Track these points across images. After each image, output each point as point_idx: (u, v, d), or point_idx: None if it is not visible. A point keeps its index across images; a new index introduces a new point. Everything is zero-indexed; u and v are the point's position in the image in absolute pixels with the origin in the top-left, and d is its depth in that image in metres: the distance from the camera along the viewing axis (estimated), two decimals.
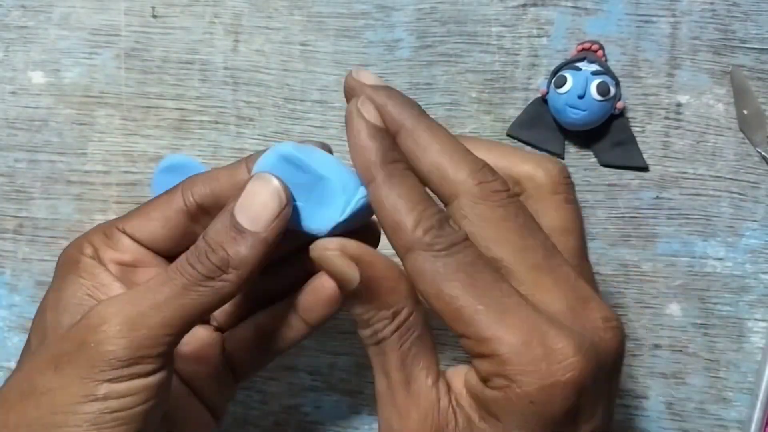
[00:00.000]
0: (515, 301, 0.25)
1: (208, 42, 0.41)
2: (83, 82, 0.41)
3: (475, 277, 0.25)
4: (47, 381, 0.25)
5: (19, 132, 0.41)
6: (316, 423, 0.40)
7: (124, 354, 0.25)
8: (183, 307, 0.26)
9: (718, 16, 0.40)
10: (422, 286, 0.25)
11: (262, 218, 0.26)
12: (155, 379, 0.26)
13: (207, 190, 0.30)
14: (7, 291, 0.41)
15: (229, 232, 0.26)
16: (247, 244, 0.26)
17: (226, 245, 0.26)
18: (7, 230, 0.41)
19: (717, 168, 0.40)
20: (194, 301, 0.26)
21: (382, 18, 0.40)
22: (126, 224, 0.30)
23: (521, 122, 0.40)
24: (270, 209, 0.26)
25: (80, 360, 0.25)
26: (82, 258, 0.29)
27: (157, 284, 0.26)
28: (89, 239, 0.30)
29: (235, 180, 0.29)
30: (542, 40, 0.40)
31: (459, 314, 0.25)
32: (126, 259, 0.30)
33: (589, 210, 0.40)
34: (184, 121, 0.41)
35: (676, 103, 0.40)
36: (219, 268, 0.26)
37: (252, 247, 0.26)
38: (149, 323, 0.25)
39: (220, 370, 0.32)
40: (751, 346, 0.40)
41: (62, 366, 0.25)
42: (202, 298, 0.26)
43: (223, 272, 0.26)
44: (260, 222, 0.26)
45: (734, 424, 0.40)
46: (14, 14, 0.41)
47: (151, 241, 0.30)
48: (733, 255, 0.40)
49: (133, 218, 0.31)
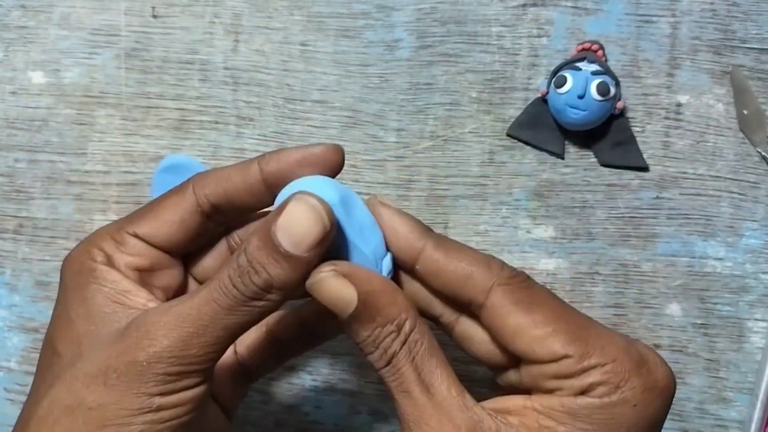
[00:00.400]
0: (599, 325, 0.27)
1: (208, 42, 0.41)
2: (83, 82, 0.41)
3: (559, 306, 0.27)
4: (97, 396, 0.25)
5: (19, 132, 0.41)
6: (316, 423, 0.40)
7: (174, 371, 0.26)
8: (227, 326, 0.26)
9: (718, 16, 0.40)
10: (512, 320, 0.27)
11: (305, 243, 0.26)
12: (201, 389, 0.27)
13: (220, 190, 0.29)
14: (6, 291, 0.41)
15: (272, 254, 0.26)
16: (289, 268, 0.26)
17: (269, 267, 0.26)
18: (7, 230, 0.41)
19: (717, 168, 0.40)
20: (238, 320, 0.26)
21: (382, 18, 0.40)
22: (137, 228, 0.30)
23: (521, 122, 0.40)
24: (313, 235, 0.26)
25: (131, 377, 0.25)
26: (96, 266, 0.29)
27: (202, 303, 0.26)
28: (98, 246, 0.29)
29: (249, 182, 0.29)
30: (542, 40, 0.40)
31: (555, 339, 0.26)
32: (143, 264, 0.30)
33: (589, 210, 0.40)
34: (184, 121, 0.41)
35: (676, 103, 0.40)
36: (263, 290, 0.26)
37: (294, 271, 0.26)
38: (197, 343, 0.26)
39: (235, 373, 0.33)
40: (751, 346, 0.40)
41: (113, 381, 0.25)
42: (246, 318, 0.26)
43: (266, 293, 0.26)
44: (302, 246, 0.26)
45: (734, 424, 0.40)
46: (14, 14, 0.41)
47: (166, 244, 0.30)
48: (733, 255, 0.40)
49: (143, 221, 0.30)
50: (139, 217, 0.30)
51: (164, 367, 0.25)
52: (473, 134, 0.40)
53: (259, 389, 0.40)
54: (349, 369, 0.40)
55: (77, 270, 0.29)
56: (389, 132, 0.41)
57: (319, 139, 0.40)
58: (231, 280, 0.26)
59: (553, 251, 0.40)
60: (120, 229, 0.30)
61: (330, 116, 0.41)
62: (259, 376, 0.34)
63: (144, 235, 0.30)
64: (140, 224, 0.30)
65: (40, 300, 0.41)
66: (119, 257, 0.29)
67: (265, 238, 0.26)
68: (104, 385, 0.25)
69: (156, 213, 0.30)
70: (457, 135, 0.41)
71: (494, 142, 0.40)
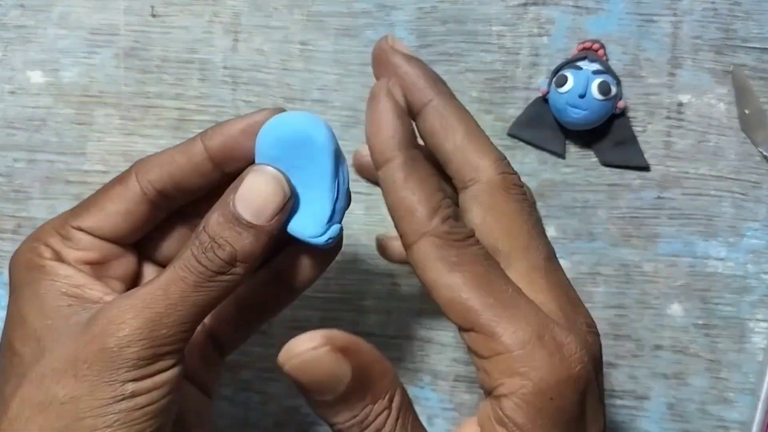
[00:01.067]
0: (523, 299, 0.25)
1: (208, 41, 0.41)
2: (82, 81, 0.41)
3: (485, 272, 0.25)
4: (69, 390, 0.25)
5: (18, 132, 0.41)
6: (316, 424, 0.40)
7: (146, 354, 0.25)
8: (196, 303, 0.26)
9: (719, 16, 0.40)
10: (431, 274, 0.25)
11: (266, 211, 0.26)
12: (176, 371, 0.26)
13: (165, 174, 0.29)
14: (5, 291, 0.40)
15: (234, 226, 0.26)
16: (252, 238, 0.26)
17: (232, 240, 0.26)
18: (5, 230, 0.41)
19: (718, 168, 0.40)
20: (206, 296, 0.26)
21: (383, 17, 0.40)
22: (82, 222, 0.29)
23: (522, 122, 0.40)
24: (273, 203, 0.27)
25: (102, 365, 0.25)
26: (45, 262, 0.28)
27: (168, 283, 0.26)
28: (45, 242, 0.29)
29: (194, 160, 0.29)
30: (543, 39, 0.40)
31: (466, 307, 0.24)
32: (94, 258, 0.29)
33: (590, 210, 0.40)
34: (183, 121, 0.41)
35: (678, 102, 0.40)
36: (228, 263, 0.26)
37: (258, 240, 0.26)
38: (167, 323, 0.25)
39: (205, 348, 0.32)
40: (753, 347, 0.40)
41: (83, 373, 0.25)
42: (213, 293, 0.26)
43: (231, 266, 0.26)
44: (264, 215, 0.26)
45: (736, 424, 0.40)
46: (13, 13, 0.41)
47: (113, 236, 0.29)
48: (735, 255, 0.40)
49: (87, 214, 0.29)
50: (83, 210, 0.29)
51: (136, 351, 0.25)
52: None
53: (259, 390, 0.40)
54: None
55: (25, 267, 0.28)
56: None
57: None
58: (195, 257, 0.26)
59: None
60: (65, 224, 0.29)
61: (330, 115, 0.40)
62: (233, 348, 0.33)
63: (89, 229, 0.29)
64: (84, 217, 0.29)
65: None
66: (67, 252, 0.29)
67: (226, 212, 0.26)
68: (74, 377, 0.25)
69: (100, 205, 0.29)
70: None
71: (495, 142, 0.40)
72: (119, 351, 0.25)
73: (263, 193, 0.26)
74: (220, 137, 0.29)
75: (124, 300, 0.26)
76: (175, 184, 0.29)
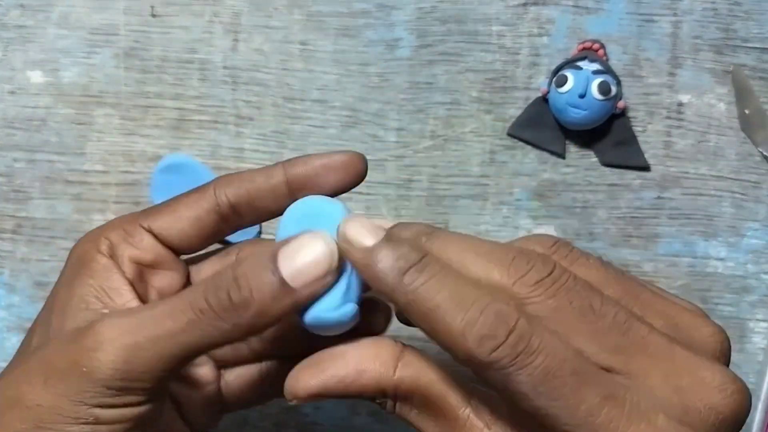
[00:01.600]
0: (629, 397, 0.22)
1: (208, 41, 0.41)
2: (82, 81, 0.41)
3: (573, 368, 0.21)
4: (35, 395, 0.24)
5: (18, 132, 0.41)
6: (316, 424, 0.40)
7: (115, 384, 0.24)
8: (183, 344, 0.24)
9: (719, 16, 0.40)
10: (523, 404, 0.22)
11: (305, 276, 0.24)
12: (145, 409, 0.25)
13: (242, 191, 0.29)
14: (5, 291, 0.41)
15: (264, 274, 0.24)
16: (276, 295, 0.24)
17: (254, 288, 0.24)
18: (5, 230, 0.41)
19: (719, 168, 0.40)
20: (198, 339, 0.24)
21: (382, 17, 0.40)
22: (152, 221, 0.29)
23: (522, 122, 0.40)
24: (317, 270, 0.24)
25: (71, 381, 0.24)
26: (96, 256, 0.28)
27: (162, 315, 0.24)
28: (106, 234, 0.28)
29: (272, 183, 0.28)
30: (543, 39, 0.40)
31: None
32: (146, 259, 0.29)
33: (591, 210, 0.40)
34: (183, 121, 0.41)
35: (678, 102, 0.40)
36: (235, 309, 0.24)
37: (280, 300, 0.24)
38: (146, 356, 0.24)
39: (210, 402, 0.31)
40: (753, 347, 0.40)
41: (52, 383, 0.24)
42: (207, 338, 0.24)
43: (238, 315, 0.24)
44: (301, 278, 0.24)
45: None
46: (13, 13, 0.41)
47: (177, 241, 0.29)
48: (735, 255, 0.40)
49: (159, 215, 0.29)
50: (156, 211, 0.29)
51: (104, 380, 0.24)
52: (474, 134, 0.40)
53: None
54: None
55: (77, 257, 0.28)
56: (389, 131, 0.40)
57: (318, 138, 0.40)
58: (203, 293, 0.24)
59: None
60: (134, 221, 0.29)
61: (330, 115, 0.40)
62: (236, 410, 0.32)
63: (157, 229, 0.29)
64: (156, 217, 0.29)
65: (38, 300, 0.41)
66: (123, 248, 0.28)
67: (263, 259, 0.24)
68: (43, 384, 0.24)
69: (173, 208, 0.29)
70: (458, 134, 0.40)
71: (495, 142, 0.40)
72: (90, 371, 0.24)
73: (311, 256, 0.24)
74: (302, 167, 0.28)
75: (116, 318, 0.25)
76: (249, 201, 0.29)
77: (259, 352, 0.31)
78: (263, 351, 0.31)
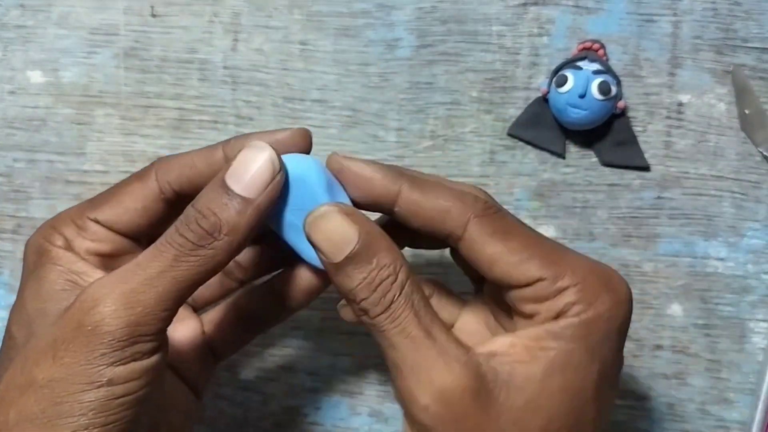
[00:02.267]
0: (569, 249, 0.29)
1: (208, 41, 0.41)
2: (82, 81, 0.41)
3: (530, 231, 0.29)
4: (46, 372, 0.24)
5: (18, 132, 0.41)
6: (316, 424, 0.40)
7: (122, 333, 0.24)
8: (176, 279, 0.25)
9: (719, 16, 0.40)
10: (490, 249, 0.28)
11: (256, 184, 0.26)
12: (154, 360, 0.25)
13: (184, 177, 0.29)
14: (5, 291, 0.41)
15: (221, 198, 0.26)
16: (239, 210, 0.26)
17: (218, 211, 0.26)
18: (5, 230, 0.41)
19: (718, 168, 0.40)
20: (187, 271, 0.25)
21: (382, 17, 0.40)
22: (98, 213, 0.29)
23: (522, 122, 0.40)
24: (264, 175, 0.26)
25: (79, 346, 0.24)
26: (53, 249, 0.28)
27: (148, 259, 0.25)
28: (57, 229, 0.29)
29: (213, 167, 0.29)
30: (543, 39, 0.40)
31: (533, 262, 0.27)
32: (104, 250, 0.29)
33: (591, 210, 0.40)
34: (183, 121, 0.41)
35: (678, 102, 0.40)
36: (210, 234, 0.25)
37: (244, 213, 0.26)
38: (144, 299, 0.25)
39: (201, 350, 0.32)
40: (753, 347, 0.40)
41: (60, 355, 0.24)
42: (195, 268, 0.25)
43: (214, 239, 0.25)
44: (253, 188, 0.26)
45: (736, 425, 0.40)
46: (13, 13, 0.41)
47: (127, 231, 0.30)
48: (735, 255, 0.40)
49: (105, 207, 0.29)
50: (101, 202, 0.30)
51: (111, 330, 0.24)
52: (474, 134, 0.40)
53: (258, 390, 0.40)
54: (349, 370, 0.40)
55: (35, 252, 0.29)
56: (389, 131, 0.40)
57: (318, 138, 0.40)
58: (177, 230, 0.26)
59: None
60: (81, 214, 0.29)
61: (330, 115, 0.40)
62: (228, 354, 0.33)
63: (105, 222, 0.29)
64: (102, 210, 0.29)
65: None
66: (80, 242, 0.29)
67: (215, 185, 0.26)
68: (53, 359, 0.24)
69: (118, 199, 0.30)
70: (458, 134, 0.40)
71: (495, 142, 0.40)
72: (94, 329, 0.24)
73: (254, 166, 0.26)
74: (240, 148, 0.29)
75: (103, 278, 0.25)
76: (193, 187, 0.29)
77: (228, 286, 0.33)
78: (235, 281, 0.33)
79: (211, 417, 0.40)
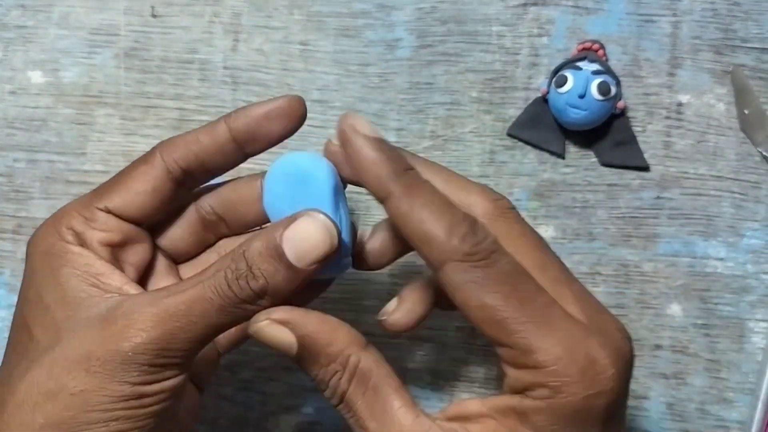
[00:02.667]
0: (557, 312, 0.26)
1: (208, 41, 0.41)
2: (82, 81, 0.41)
3: (517, 287, 0.26)
4: (79, 382, 0.25)
5: (18, 132, 0.41)
6: (316, 424, 0.40)
7: (158, 362, 0.26)
8: (215, 325, 0.27)
9: (719, 16, 0.40)
10: (461, 297, 0.26)
11: (309, 257, 0.27)
12: (181, 378, 0.27)
13: (191, 155, 0.29)
14: (6, 291, 0.41)
15: (274, 262, 0.26)
16: (288, 279, 0.27)
17: (268, 275, 0.26)
18: (6, 230, 0.41)
19: (718, 168, 0.40)
20: (226, 320, 0.27)
21: (382, 17, 0.40)
22: (107, 201, 0.29)
23: (522, 122, 0.40)
24: (319, 251, 0.27)
25: (114, 365, 0.26)
26: (66, 246, 0.28)
27: (194, 300, 0.26)
28: (67, 224, 0.29)
29: (219, 142, 0.29)
30: (543, 39, 0.40)
31: (502, 326, 0.25)
32: (116, 240, 0.29)
33: (590, 210, 0.40)
34: (183, 121, 0.41)
35: (677, 102, 0.40)
36: (257, 295, 0.27)
37: (291, 282, 0.27)
38: (184, 338, 0.26)
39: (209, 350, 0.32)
40: (752, 347, 0.40)
41: (95, 369, 0.26)
42: (234, 319, 0.27)
43: (259, 299, 0.27)
44: (306, 260, 0.27)
45: (735, 424, 0.40)
46: (13, 14, 0.41)
47: (139, 216, 0.30)
48: (735, 255, 0.40)
49: (112, 194, 0.29)
50: (108, 191, 0.30)
51: (149, 359, 0.26)
52: (473, 134, 0.40)
53: (258, 390, 0.40)
54: None
55: (46, 251, 0.28)
56: (389, 132, 0.40)
57: (318, 138, 0.40)
58: (227, 281, 0.26)
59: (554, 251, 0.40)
60: (89, 205, 0.29)
61: (330, 116, 0.40)
62: (230, 349, 0.34)
63: (115, 209, 0.29)
64: (111, 198, 0.29)
65: None
66: (90, 234, 0.29)
67: (270, 246, 0.26)
68: (86, 371, 0.26)
69: (126, 184, 0.29)
70: (458, 135, 0.40)
71: (495, 142, 0.40)
72: (133, 356, 0.26)
73: (313, 239, 0.27)
74: (244, 120, 0.29)
75: (146, 306, 0.26)
76: (200, 163, 0.30)
77: None
78: None
79: (212, 417, 0.40)
